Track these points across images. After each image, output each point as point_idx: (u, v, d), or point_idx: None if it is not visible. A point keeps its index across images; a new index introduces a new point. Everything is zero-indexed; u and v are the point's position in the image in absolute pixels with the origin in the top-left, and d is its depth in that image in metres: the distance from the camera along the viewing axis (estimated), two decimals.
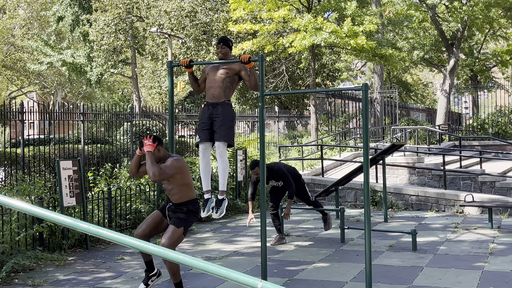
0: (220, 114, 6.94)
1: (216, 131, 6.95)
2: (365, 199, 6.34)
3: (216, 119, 6.95)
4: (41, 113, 15.07)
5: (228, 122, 6.97)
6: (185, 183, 6.30)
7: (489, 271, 7.27)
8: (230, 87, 7.06)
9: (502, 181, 13.72)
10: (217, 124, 6.94)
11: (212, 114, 6.98)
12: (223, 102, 7.00)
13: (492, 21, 27.69)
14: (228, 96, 7.06)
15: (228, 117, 6.97)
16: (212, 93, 7.04)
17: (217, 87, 7.01)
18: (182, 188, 6.30)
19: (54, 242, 8.77)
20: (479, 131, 24.97)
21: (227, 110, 6.98)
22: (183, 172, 6.26)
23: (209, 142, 7.09)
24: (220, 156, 7.01)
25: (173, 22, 27.87)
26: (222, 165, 7.04)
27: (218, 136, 6.94)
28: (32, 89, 51.69)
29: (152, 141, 6.20)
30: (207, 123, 7.01)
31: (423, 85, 57.48)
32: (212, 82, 7.06)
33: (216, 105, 6.98)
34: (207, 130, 7.02)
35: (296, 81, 30.96)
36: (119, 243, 2.85)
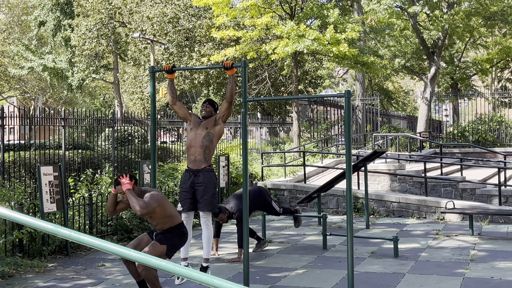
0: (202, 183, 7.12)
1: (199, 200, 7.14)
2: (347, 205, 6.36)
3: (198, 188, 7.13)
4: (21, 118, 14.92)
5: (211, 190, 7.16)
6: (166, 214, 6.31)
7: (470, 277, 7.32)
8: (209, 147, 7.21)
9: (483, 188, 13.84)
10: (200, 193, 7.12)
11: (193, 182, 7.15)
12: (204, 169, 7.16)
13: (472, 30, 28.01)
14: (209, 160, 7.22)
15: (210, 185, 7.15)
16: (192, 155, 7.20)
17: (197, 147, 7.17)
18: (165, 220, 6.31)
19: (34, 248, 8.67)
20: (460, 139, 25.19)
21: (208, 178, 7.16)
22: (163, 204, 6.26)
23: (191, 211, 7.28)
24: (206, 225, 7.25)
25: (156, 28, 27.81)
26: (207, 234, 7.26)
27: (202, 206, 7.14)
28: (12, 94, 51.21)
29: (129, 179, 6.19)
30: (189, 192, 7.18)
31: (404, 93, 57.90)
32: (193, 141, 7.23)
33: (197, 172, 7.15)
34: (189, 199, 7.21)
35: (278, 87, 31.02)
36: (100, 249, 2.83)
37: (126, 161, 16.68)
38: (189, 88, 30.04)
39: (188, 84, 28.85)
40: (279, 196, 15.07)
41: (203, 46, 27.35)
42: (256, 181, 15.71)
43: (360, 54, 19.44)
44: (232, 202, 9.03)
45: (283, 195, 15.06)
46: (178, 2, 28.02)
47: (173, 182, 12.24)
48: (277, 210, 9.60)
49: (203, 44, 27.67)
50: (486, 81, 43.55)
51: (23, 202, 8.73)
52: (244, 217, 6.74)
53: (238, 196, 9.06)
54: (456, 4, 26.31)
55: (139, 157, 16.67)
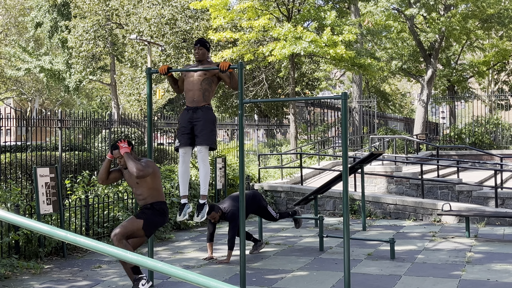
0: (200, 117, 6.86)
1: (198, 135, 6.86)
2: (344, 207, 6.36)
3: (196, 123, 6.86)
4: (18, 120, 14.90)
5: (210, 126, 6.89)
6: (154, 186, 6.28)
7: (466, 279, 7.33)
8: (209, 89, 6.99)
9: (479, 190, 13.85)
10: (198, 128, 6.85)
11: (192, 118, 6.89)
12: (203, 106, 6.92)
13: (469, 32, 28.07)
14: (208, 100, 7.00)
15: (209, 120, 6.90)
16: (191, 97, 6.97)
17: (196, 90, 6.94)
18: (150, 192, 6.28)
19: (30, 250, 8.65)
20: (456, 141, 25.23)
21: (208, 114, 6.91)
22: (155, 173, 6.26)
23: (189, 147, 7.00)
24: (202, 161, 6.93)
25: (153, 29, 27.80)
26: (204, 170, 6.96)
27: (200, 140, 6.86)
28: (9, 96, 51.12)
29: (127, 144, 6.21)
30: (188, 127, 6.92)
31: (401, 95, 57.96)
32: (191, 85, 6.99)
33: (196, 109, 6.90)
34: (187, 135, 6.93)
35: (275, 89, 31.04)
36: (97, 251, 2.82)
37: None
38: None
39: None
40: (276, 198, 15.07)
41: None
42: (253, 183, 15.70)
43: (357, 56, 19.46)
44: (226, 202, 9.02)
45: (280, 197, 15.06)
46: (175, 4, 28.02)
47: (170, 184, 12.23)
48: (273, 216, 9.54)
49: None
50: (482, 83, 43.60)
51: (19, 204, 8.71)
52: (241, 219, 6.72)
53: (233, 198, 9.05)
54: (453, 6, 26.37)
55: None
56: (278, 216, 9.65)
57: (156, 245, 9.73)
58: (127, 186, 11.51)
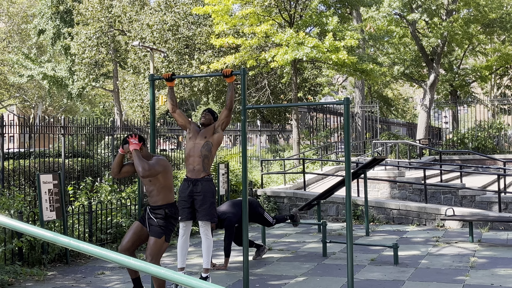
0: (200, 192, 7.11)
1: (198, 210, 7.13)
2: (347, 213, 6.35)
3: (197, 197, 7.12)
4: (21, 127, 14.93)
5: (210, 199, 7.15)
6: (166, 185, 6.28)
7: (470, 284, 7.31)
8: (208, 156, 7.21)
9: (482, 195, 13.83)
10: (198, 203, 7.11)
11: (192, 192, 7.14)
12: (203, 178, 7.16)
13: (471, 37, 28.10)
14: (207, 169, 7.22)
15: (209, 194, 7.14)
16: (191, 164, 7.20)
17: (196, 157, 7.18)
18: (162, 190, 6.26)
19: (33, 256, 8.65)
20: (459, 146, 25.20)
21: (207, 187, 7.15)
22: (167, 172, 6.24)
23: (190, 221, 7.25)
24: (205, 235, 7.22)
25: (156, 35, 27.87)
26: (206, 243, 7.24)
27: (200, 216, 7.12)
28: (12, 103, 51.25)
29: (137, 140, 6.19)
30: (188, 201, 7.17)
31: (404, 100, 58.00)
32: (192, 150, 7.24)
33: (196, 182, 7.14)
34: (187, 209, 7.18)
35: (278, 95, 31.06)
36: (100, 257, 2.83)
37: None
38: (189, 95, 30.09)
39: (187, 92, 28.90)
40: (279, 203, 15.07)
41: (202, 54, 27.41)
42: (255, 188, 15.70)
43: (359, 61, 19.47)
44: (224, 207, 8.99)
45: (283, 203, 15.05)
46: (178, 10, 28.10)
47: None
48: (270, 221, 9.50)
49: (202, 51, 27.72)
50: (485, 88, 43.60)
51: (22, 210, 8.72)
52: (243, 224, 6.73)
53: (231, 203, 9.04)
54: (455, 11, 26.39)
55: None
56: (274, 222, 9.62)
57: None
58: (130, 193, 11.52)
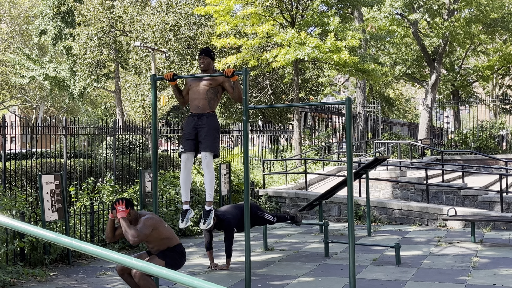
0: (205, 124, 6.90)
1: (202, 141, 6.90)
2: (348, 213, 6.35)
3: (201, 129, 6.90)
4: (23, 127, 14.93)
5: (214, 133, 6.93)
6: (163, 237, 6.32)
7: (472, 284, 7.30)
8: (214, 98, 7.02)
9: (484, 195, 13.82)
10: (203, 134, 6.89)
11: (197, 124, 6.93)
12: (208, 113, 6.96)
13: (473, 36, 28.06)
14: (213, 107, 7.03)
15: (213, 127, 6.94)
16: (196, 105, 7.00)
17: (201, 99, 6.98)
18: (162, 242, 6.33)
19: (35, 257, 8.66)
20: (461, 146, 25.17)
21: (212, 121, 6.95)
22: (158, 227, 6.26)
23: (192, 152, 7.03)
24: (207, 167, 6.95)
25: (157, 36, 27.87)
26: (208, 176, 6.98)
27: (204, 147, 6.89)
28: (14, 103, 51.27)
29: (124, 206, 6.21)
30: (192, 133, 6.95)
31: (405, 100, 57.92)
32: (196, 94, 7.02)
33: (201, 115, 6.94)
34: (191, 140, 6.96)
35: (279, 95, 31.04)
36: (102, 257, 2.82)
37: (127, 170, 16.68)
38: None
39: None
40: (281, 203, 15.07)
41: None
42: (257, 189, 15.70)
43: (361, 61, 19.45)
44: (224, 208, 8.97)
45: (285, 203, 15.05)
46: (179, 10, 28.09)
47: (174, 190, 12.24)
48: (271, 220, 9.47)
49: None
50: (487, 88, 43.55)
51: (24, 211, 8.72)
52: (245, 224, 6.72)
53: (232, 206, 9.02)
54: (456, 11, 26.35)
55: (140, 165, 16.68)
56: (276, 220, 9.59)
57: None
58: (132, 193, 11.53)
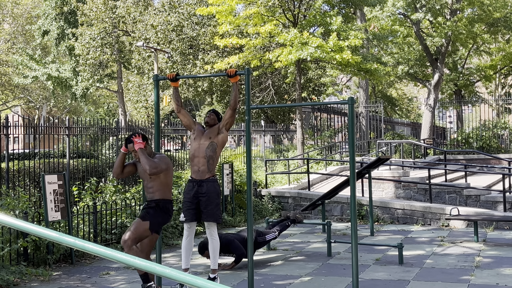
0: (205, 193, 7.08)
1: (203, 211, 7.11)
2: (351, 212, 6.35)
3: (202, 198, 7.09)
4: (26, 128, 14.96)
5: (215, 200, 7.13)
6: (166, 182, 6.35)
7: (475, 284, 7.29)
8: (213, 157, 7.19)
9: (487, 195, 13.80)
10: (203, 204, 7.08)
11: (197, 192, 7.11)
12: (208, 179, 7.14)
13: (475, 36, 28.04)
14: (212, 170, 7.20)
15: (213, 195, 7.12)
16: (196, 165, 7.18)
17: (201, 157, 7.15)
18: (161, 187, 6.32)
19: (38, 257, 8.67)
20: (464, 145, 25.14)
21: (212, 188, 7.13)
22: (169, 170, 6.31)
23: (194, 222, 7.24)
24: (211, 236, 7.20)
25: (160, 36, 27.89)
26: (212, 244, 7.21)
27: (205, 217, 7.10)
28: (17, 103, 51.34)
29: (141, 139, 6.24)
30: (193, 203, 7.13)
31: (408, 100, 57.88)
32: (197, 151, 7.21)
33: (201, 183, 7.12)
34: (192, 210, 7.15)
35: (282, 95, 31.04)
36: (105, 257, 2.83)
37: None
38: (193, 96, 30.10)
39: (192, 92, 28.91)
40: (284, 203, 15.07)
41: (206, 54, 27.42)
42: (260, 188, 15.71)
43: (363, 61, 19.45)
44: None
45: (287, 203, 15.05)
46: (182, 11, 28.12)
47: (177, 190, 12.25)
48: (275, 237, 9.48)
49: (206, 52, 27.73)
50: (489, 87, 43.49)
51: (27, 211, 8.74)
52: (248, 224, 6.73)
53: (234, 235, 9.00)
54: (459, 10, 26.33)
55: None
56: (278, 233, 9.62)
57: (164, 252, 9.73)
58: (134, 193, 11.53)
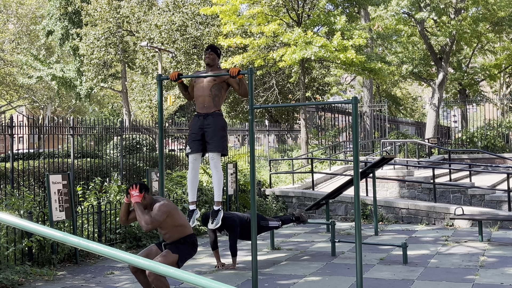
0: (211, 124, 6.91)
1: (209, 141, 6.92)
2: (355, 212, 6.34)
3: (207, 129, 6.91)
4: (30, 127, 14.98)
5: (220, 132, 6.93)
6: (177, 224, 6.27)
7: (480, 284, 7.28)
8: (218, 95, 7.03)
9: (492, 194, 13.77)
10: (209, 134, 6.90)
11: (203, 124, 6.95)
12: (214, 112, 6.98)
13: (480, 35, 27.95)
14: (218, 105, 7.04)
15: (219, 126, 6.95)
16: (201, 102, 7.01)
17: (206, 96, 6.99)
18: (176, 229, 6.27)
19: (43, 256, 8.69)
20: (468, 145, 25.08)
21: (218, 120, 6.96)
22: (172, 215, 6.22)
23: (199, 153, 7.06)
24: (215, 167, 6.99)
25: (164, 36, 27.92)
26: (217, 176, 7.02)
27: (211, 147, 6.91)
28: (21, 104, 51.47)
29: (138, 190, 6.18)
30: (198, 134, 6.97)
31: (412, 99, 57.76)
32: (200, 91, 7.04)
33: (206, 115, 6.96)
34: (198, 141, 6.98)
35: (286, 95, 31.03)
36: (110, 257, 2.84)
37: (134, 169, 16.71)
38: None
39: None
40: (288, 203, 15.07)
41: None
42: (264, 188, 15.71)
43: (368, 60, 19.42)
44: (229, 213, 8.90)
45: (292, 202, 15.05)
46: (186, 10, 28.13)
47: (181, 190, 12.26)
48: (277, 225, 9.46)
49: None
50: (494, 86, 43.39)
51: (32, 211, 8.76)
52: (252, 224, 6.72)
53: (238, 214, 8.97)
54: (463, 9, 26.27)
55: (147, 165, 16.72)
56: (281, 223, 9.60)
57: None
58: None
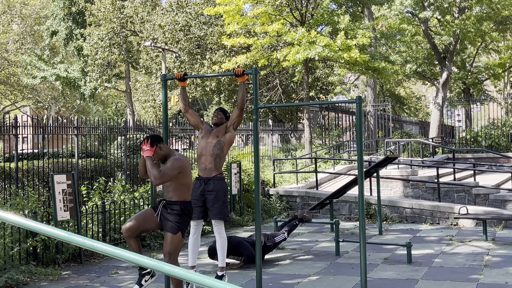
0: (212, 190, 7.12)
1: (210, 208, 7.14)
2: (359, 211, 6.34)
3: (208, 196, 7.13)
4: (34, 128, 15.02)
5: (222, 198, 7.15)
6: (184, 183, 6.26)
7: (484, 283, 7.27)
8: (220, 155, 7.21)
9: (496, 194, 13.74)
10: (210, 201, 7.12)
11: (204, 190, 7.15)
12: (215, 177, 7.17)
13: (484, 34, 27.91)
14: (219, 168, 7.22)
15: (221, 192, 7.15)
16: (203, 163, 7.21)
17: (208, 155, 7.18)
18: (180, 187, 6.24)
19: (48, 256, 8.71)
20: (473, 144, 25.04)
21: (219, 186, 7.15)
22: (184, 171, 6.20)
23: (201, 220, 7.28)
24: (218, 234, 7.22)
25: (167, 36, 27.96)
26: (220, 242, 7.24)
27: (213, 215, 7.13)
28: (25, 104, 51.58)
29: (150, 144, 6.17)
30: (200, 200, 7.17)
31: (416, 98, 57.74)
32: (204, 149, 7.24)
33: (208, 180, 7.15)
34: (199, 208, 7.18)
35: (290, 94, 31.04)
36: (114, 256, 2.84)
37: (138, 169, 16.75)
38: (201, 95, 30.15)
39: (199, 92, 28.96)
40: (292, 203, 15.07)
41: (214, 54, 27.45)
42: (268, 187, 15.71)
43: (371, 60, 19.41)
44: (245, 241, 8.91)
45: (295, 202, 15.05)
46: (189, 10, 28.17)
47: None
48: (284, 239, 9.48)
49: (214, 51, 27.77)
50: (498, 85, 43.31)
51: (36, 211, 8.78)
52: (256, 226, 6.73)
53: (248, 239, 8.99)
54: (467, 9, 26.24)
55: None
56: (287, 235, 9.62)
57: None
58: (143, 193, 11.57)
